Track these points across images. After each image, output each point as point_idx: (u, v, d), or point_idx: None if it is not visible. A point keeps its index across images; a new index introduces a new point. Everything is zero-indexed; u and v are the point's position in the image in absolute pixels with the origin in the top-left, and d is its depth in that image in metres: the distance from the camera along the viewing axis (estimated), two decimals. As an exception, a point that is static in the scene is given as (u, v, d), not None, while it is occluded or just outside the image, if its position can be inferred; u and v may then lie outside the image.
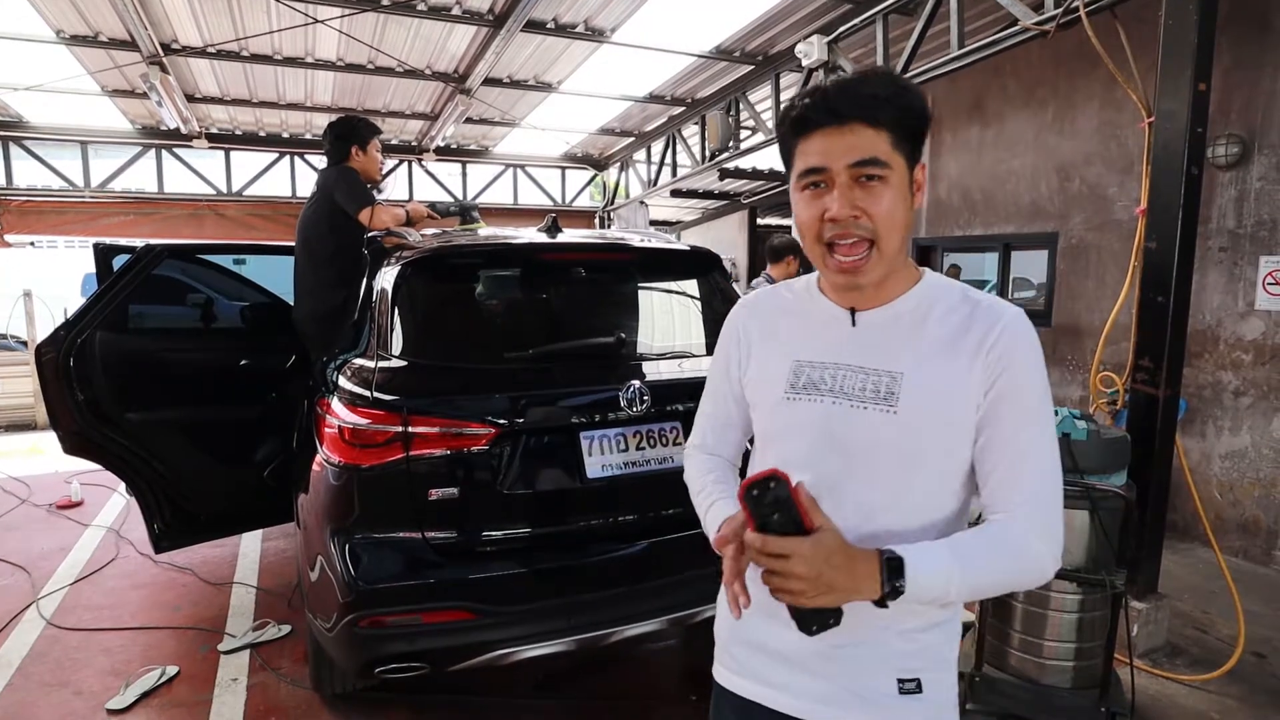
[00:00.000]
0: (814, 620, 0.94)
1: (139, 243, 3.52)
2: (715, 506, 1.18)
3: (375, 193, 3.55)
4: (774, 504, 0.91)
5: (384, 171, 3.72)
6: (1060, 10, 3.47)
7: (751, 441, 1.26)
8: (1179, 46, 3.01)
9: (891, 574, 0.93)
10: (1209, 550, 4.07)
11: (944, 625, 1.11)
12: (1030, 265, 5.83)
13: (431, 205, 3.57)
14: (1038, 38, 3.75)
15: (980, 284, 6.86)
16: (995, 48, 4.06)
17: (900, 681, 1.07)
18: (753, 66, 6.41)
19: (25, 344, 8.49)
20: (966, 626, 3.34)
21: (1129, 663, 2.65)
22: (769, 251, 5.01)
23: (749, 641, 1.17)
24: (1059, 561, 1.03)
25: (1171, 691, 2.95)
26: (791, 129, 1.03)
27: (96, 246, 3.77)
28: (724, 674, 1.23)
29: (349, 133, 3.53)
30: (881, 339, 1.07)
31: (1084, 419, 2.62)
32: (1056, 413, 2.62)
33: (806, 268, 4.40)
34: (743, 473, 1.25)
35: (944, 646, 1.11)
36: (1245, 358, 4.29)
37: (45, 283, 9.57)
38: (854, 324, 1.09)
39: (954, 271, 6.67)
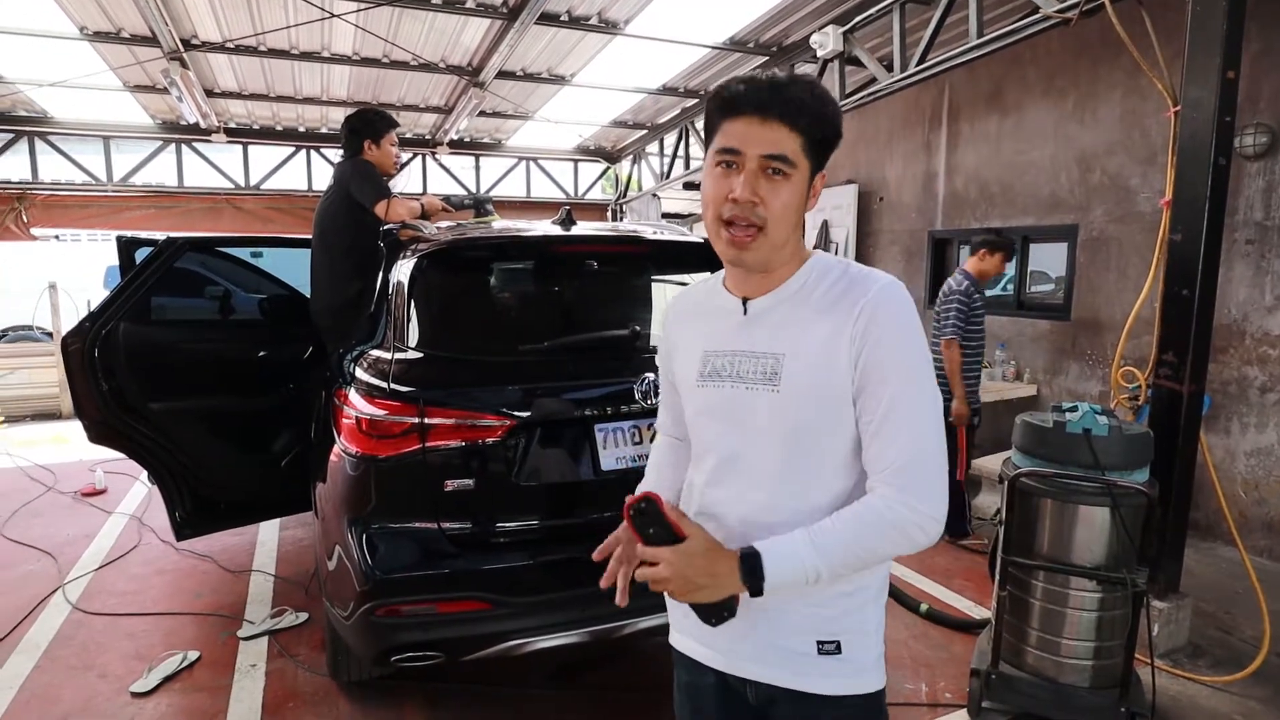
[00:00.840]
0: (710, 614, 1.08)
1: (161, 236, 3.57)
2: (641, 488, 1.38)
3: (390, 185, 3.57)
4: (649, 520, 1.07)
5: (399, 165, 3.72)
6: (1083, -2, 3.41)
7: None
8: (1207, 33, 2.94)
9: (749, 571, 1.03)
10: (1232, 549, 4.01)
11: (863, 591, 1.17)
12: (1049, 258, 5.76)
13: (445, 198, 3.58)
14: (1059, 25, 3.69)
15: (997, 277, 6.75)
16: (1015, 36, 4.00)
17: (820, 643, 1.16)
18: (767, 58, 6.36)
19: (50, 335, 8.64)
20: (979, 624, 3.31)
21: (1150, 663, 2.61)
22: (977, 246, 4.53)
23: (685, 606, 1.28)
24: (934, 520, 1.06)
25: (1193, 692, 2.92)
26: (720, 107, 1.11)
27: (119, 239, 3.83)
28: (673, 634, 1.35)
29: (363, 126, 3.54)
30: (768, 324, 1.16)
31: (1106, 414, 2.58)
32: (1077, 407, 2.60)
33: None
34: None
35: (860, 612, 1.18)
36: (1272, 353, 4.22)
37: (69, 275, 9.72)
38: (745, 313, 1.18)
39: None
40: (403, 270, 2.61)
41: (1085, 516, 2.50)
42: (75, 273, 10.80)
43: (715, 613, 1.08)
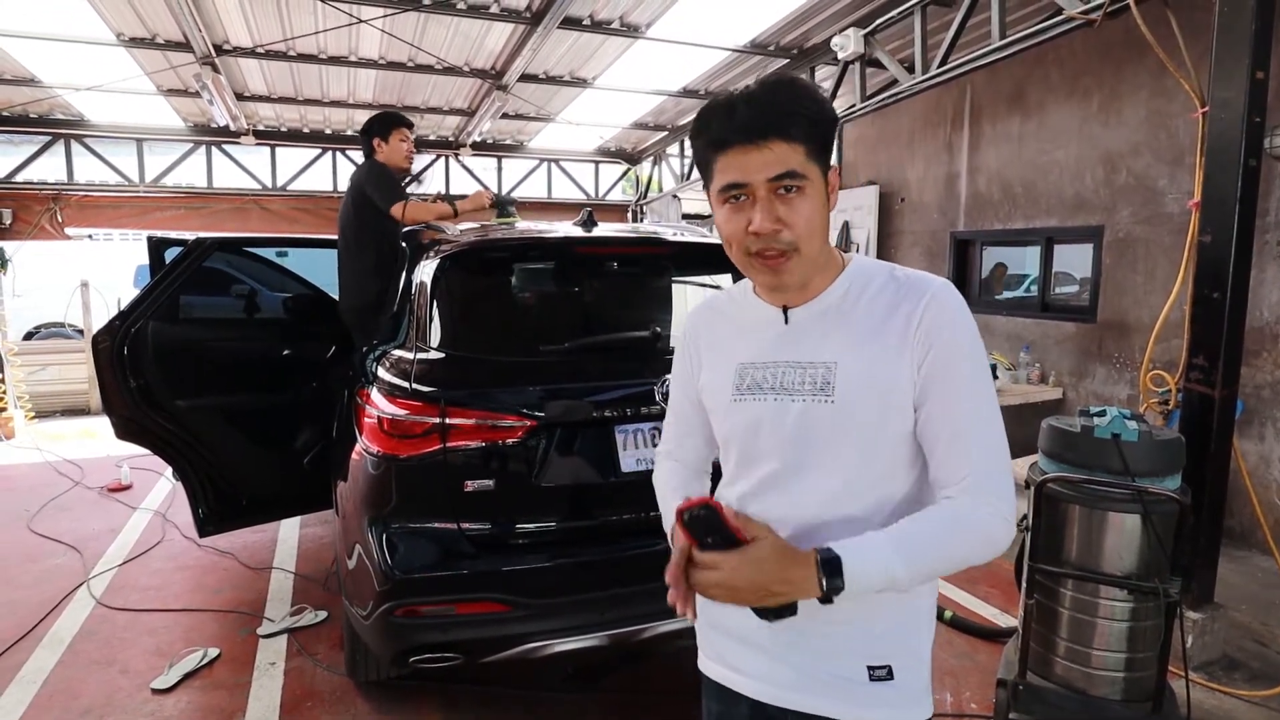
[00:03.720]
0: (769, 612, 1.00)
1: (190, 236, 3.63)
2: (670, 512, 1.21)
3: (416, 184, 3.59)
4: (707, 528, 0.99)
5: (414, 161, 3.76)
6: (1110, -2, 3.35)
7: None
8: (1235, 33, 2.89)
9: (829, 574, 0.95)
10: (1268, 558, 3.91)
11: (908, 612, 1.12)
12: (1074, 259, 5.67)
13: (459, 198, 3.60)
14: (1083, 27, 3.64)
15: (1021, 278, 6.69)
16: (1038, 38, 3.94)
17: (870, 669, 1.09)
18: (788, 60, 6.33)
19: (81, 332, 8.81)
20: (1006, 632, 3.26)
21: (1184, 675, 2.55)
22: None
23: (719, 627, 1.22)
24: (1011, 524, 1.02)
25: (1229, 707, 2.84)
26: (708, 145, 1.06)
27: (150, 239, 3.89)
28: (702, 659, 1.28)
29: (370, 126, 3.61)
30: (813, 332, 1.11)
31: (1135, 419, 2.53)
32: (1105, 412, 2.55)
33: None
34: (716, 477, 1.31)
35: (914, 634, 1.13)
36: (1306, 358, 4.11)
37: (101, 274, 9.91)
38: (787, 321, 1.13)
39: (1000, 271, 6.50)
40: (425, 271, 2.62)
41: (1115, 524, 2.45)
42: (107, 271, 11.00)
43: (777, 611, 1.00)
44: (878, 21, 4.86)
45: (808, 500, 1.09)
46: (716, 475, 1.32)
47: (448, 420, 2.26)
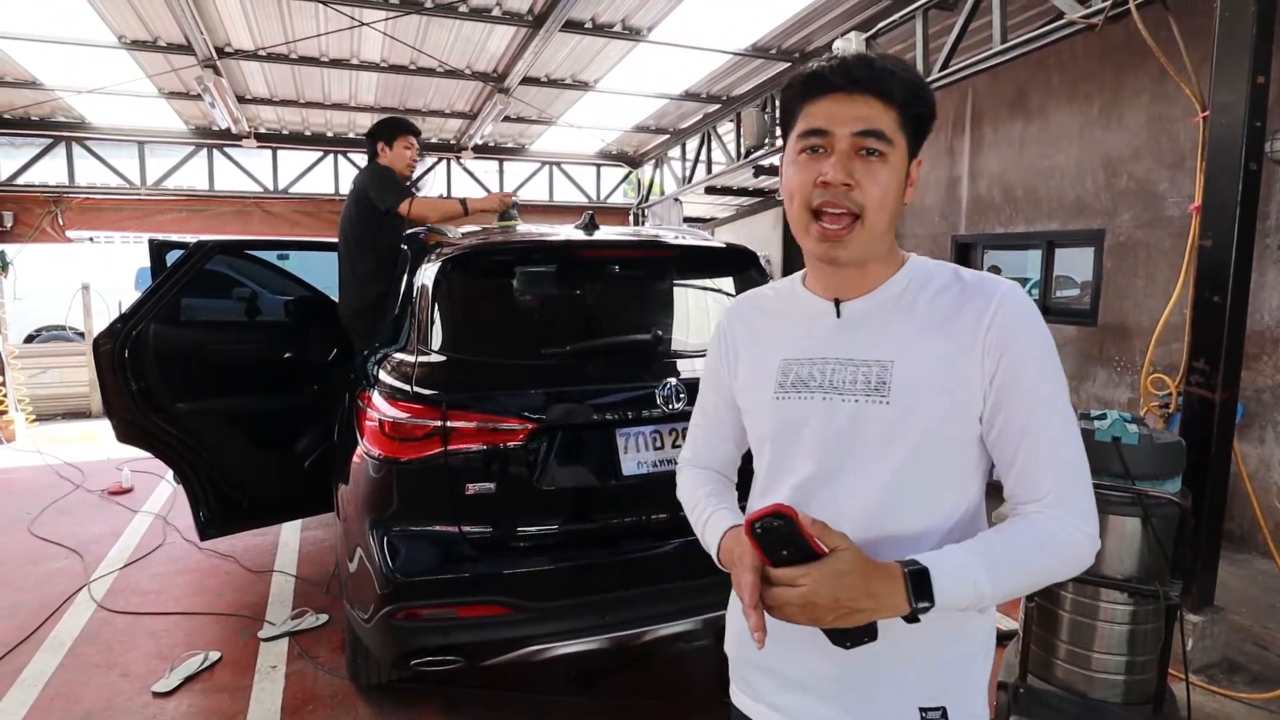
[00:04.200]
0: (847, 637, 0.90)
1: (191, 238, 3.63)
2: (714, 518, 1.15)
3: (415, 190, 3.61)
4: (782, 540, 0.88)
5: (417, 168, 3.78)
6: (1108, 3, 3.36)
7: (749, 452, 1.22)
8: (1235, 38, 2.90)
9: (918, 589, 0.88)
10: (1269, 561, 3.91)
11: (971, 646, 1.04)
12: (1074, 263, 5.68)
13: (463, 201, 3.61)
14: (1084, 31, 3.65)
15: (1022, 282, 6.69)
16: (1040, 42, 3.95)
17: (923, 711, 1.01)
18: (789, 64, 6.34)
19: (82, 335, 8.82)
20: (1007, 635, 3.26)
21: (1184, 678, 2.55)
22: None
23: (758, 665, 1.13)
24: (1096, 541, 0.96)
25: (1230, 710, 2.84)
26: (801, 89, 1.00)
27: (151, 242, 3.90)
28: (737, 694, 1.19)
29: (376, 130, 3.64)
30: (869, 327, 1.03)
31: (1135, 422, 2.53)
32: (1105, 415, 2.55)
33: None
34: (744, 485, 1.23)
35: (971, 669, 1.04)
36: (1307, 362, 4.11)
37: (102, 276, 9.92)
38: (839, 315, 1.06)
39: (993, 271, 6.52)
40: (426, 274, 2.63)
41: (1115, 527, 2.45)
42: (108, 274, 11.01)
43: (856, 635, 0.90)
44: (879, 25, 4.86)
45: (852, 511, 1.00)
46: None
47: (449, 423, 2.27)
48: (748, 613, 0.91)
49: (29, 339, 10.80)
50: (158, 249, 3.87)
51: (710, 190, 9.69)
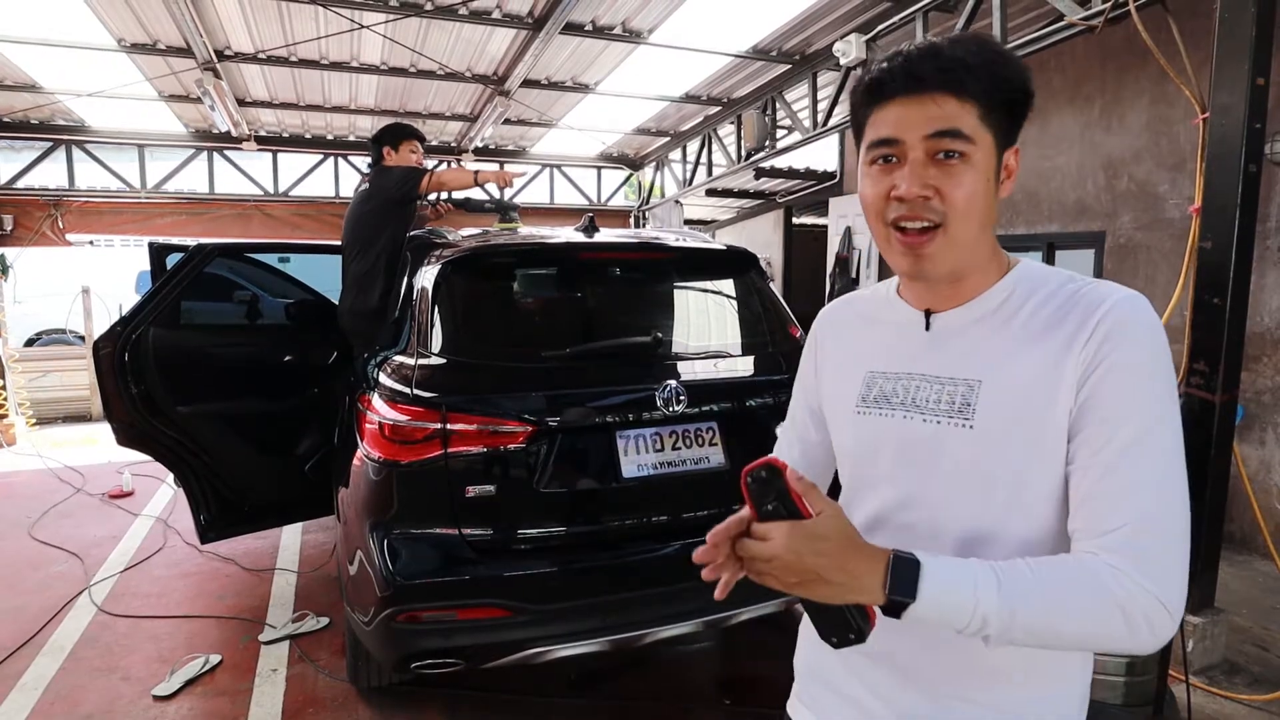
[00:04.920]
0: (832, 628, 0.83)
1: (191, 242, 3.64)
2: None
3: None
4: (768, 492, 0.83)
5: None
6: (1109, 5, 3.37)
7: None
8: (1235, 40, 2.90)
9: (899, 578, 0.77)
10: (1269, 563, 3.91)
11: (1065, 698, 0.92)
12: (1075, 265, 5.68)
13: (466, 201, 3.64)
14: (1084, 33, 3.65)
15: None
16: (1040, 44, 3.96)
17: None
18: (789, 66, 6.35)
19: (83, 339, 8.82)
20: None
21: (1184, 680, 2.55)
22: None
23: (829, 684, 1.05)
24: (1167, 614, 0.78)
25: (1230, 711, 2.84)
26: (865, 96, 0.91)
27: (151, 245, 3.91)
28: (797, 706, 1.11)
29: (381, 136, 3.71)
30: (959, 343, 0.94)
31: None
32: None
33: None
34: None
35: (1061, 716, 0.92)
36: (1307, 363, 4.11)
37: (102, 279, 9.92)
38: (928, 328, 0.97)
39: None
40: (426, 276, 2.63)
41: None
42: (108, 277, 11.01)
43: (839, 628, 0.83)
44: (880, 27, 4.87)
45: (926, 535, 0.92)
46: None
47: (449, 426, 2.27)
48: (705, 552, 0.86)
49: (29, 342, 10.80)
50: (158, 252, 3.88)
51: (711, 193, 9.70)
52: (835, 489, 1.15)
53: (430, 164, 4.07)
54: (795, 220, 10.48)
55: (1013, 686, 0.91)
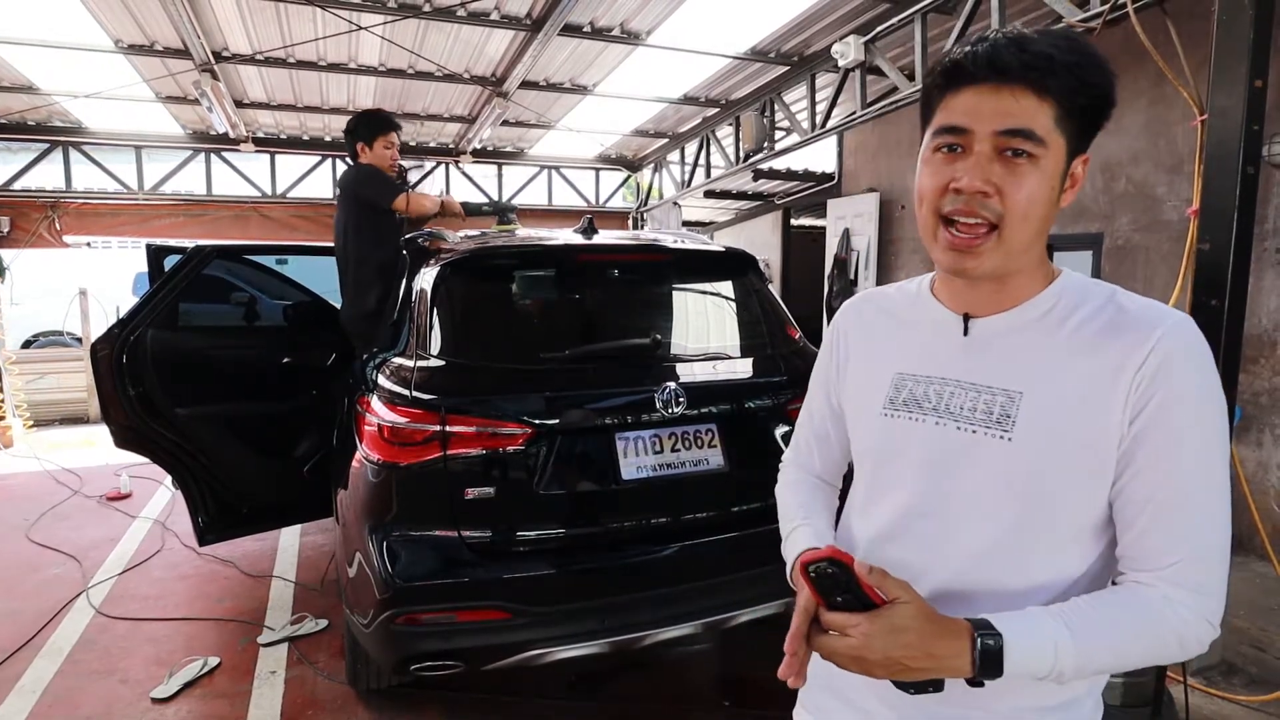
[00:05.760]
0: (910, 684, 0.82)
1: (189, 243, 3.63)
2: (797, 532, 1.06)
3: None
4: (836, 586, 0.82)
5: (399, 169, 3.68)
6: (1107, 6, 3.37)
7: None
8: (1233, 42, 2.91)
9: (986, 654, 0.77)
10: (1266, 564, 3.91)
11: (1075, 705, 0.92)
12: (1073, 266, 5.66)
13: (465, 204, 3.59)
14: (1083, 35, 3.66)
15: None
16: (1040, 45, 3.97)
17: None
18: (788, 67, 6.36)
19: (80, 340, 8.80)
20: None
21: (1182, 681, 2.55)
22: None
23: (834, 689, 1.03)
24: (1215, 628, 0.82)
25: (1228, 712, 2.85)
26: (941, 79, 0.87)
27: (149, 247, 3.90)
28: (800, 712, 1.10)
29: (355, 127, 3.54)
30: (1000, 351, 0.91)
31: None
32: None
33: None
34: (844, 495, 1.15)
35: None
36: (1304, 364, 4.12)
37: (99, 281, 9.90)
38: (966, 332, 0.93)
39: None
40: (425, 278, 2.63)
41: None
42: (105, 279, 10.99)
43: (920, 685, 0.82)
44: (878, 29, 4.88)
45: (954, 554, 0.90)
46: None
47: (448, 428, 2.27)
48: (789, 648, 0.85)
49: (26, 344, 10.77)
50: (155, 254, 3.87)
51: (709, 194, 9.71)
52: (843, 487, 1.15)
53: (408, 164, 3.95)
54: (794, 222, 10.49)
55: (1028, 696, 0.90)
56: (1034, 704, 0.91)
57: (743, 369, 2.76)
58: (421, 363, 2.43)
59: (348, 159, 3.66)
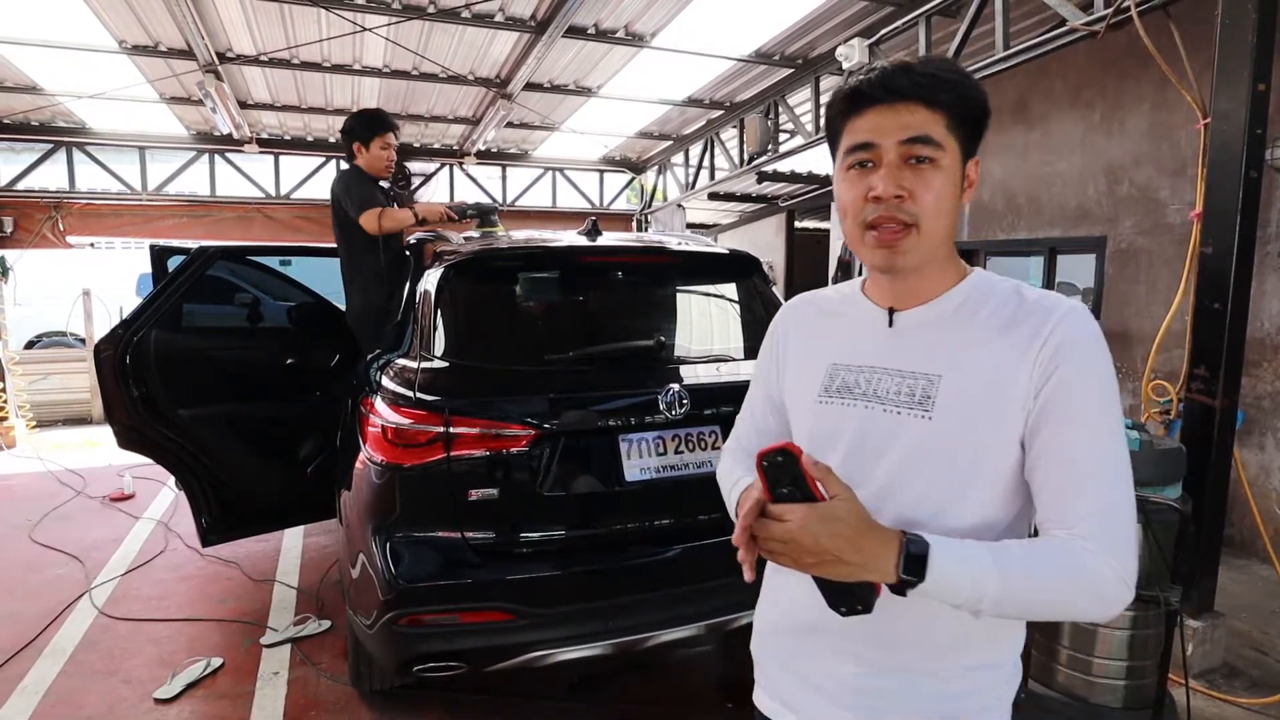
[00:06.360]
0: (840, 599, 0.89)
1: (192, 244, 3.63)
2: (741, 482, 1.13)
3: (402, 189, 3.48)
4: (784, 475, 0.88)
5: (396, 169, 3.61)
6: (1111, 10, 3.38)
7: None
8: (1236, 46, 2.92)
9: (910, 558, 0.84)
10: (1268, 567, 3.91)
11: (997, 667, 1.02)
12: (1076, 270, 5.69)
13: (451, 208, 3.47)
14: (1086, 38, 3.66)
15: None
16: (1042, 49, 3.97)
17: None
18: (792, 70, 6.37)
19: (83, 341, 8.82)
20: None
21: (1184, 683, 2.55)
22: None
23: (781, 661, 1.13)
24: (1132, 588, 0.89)
25: (1230, 715, 2.84)
26: (844, 105, 0.99)
27: (153, 248, 3.91)
28: (759, 694, 1.18)
29: (350, 127, 3.47)
30: (920, 340, 1.01)
31: (1136, 429, 2.53)
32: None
33: None
34: None
35: (995, 690, 1.02)
36: (1307, 368, 4.12)
37: (103, 282, 9.92)
38: (891, 324, 1.04)
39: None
40: (429, 280, 2.63)
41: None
42: (109, 280, 11.01)
43: (848, 599, 0.88)
44: (882, 32, 4.88)
45: (884, 518, 0.95)
46: None
47: (452, 429, 2.27)
48: (736, 539, 0.90)
49: (30, 345, 10.79)
50: (159, 254, 3.87)
51: (714, 196, 9.71)
52: None
53: (414, 168, 3.85)
54: (798, 224, 10.50)
55: (954, 656, 0.99)
56: (958, 664, 1.00)
57: (746, 371, 2.75)
58: (425, 364, 2.43)
59: (344, 160, 3.59)
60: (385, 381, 2.49)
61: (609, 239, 2.95)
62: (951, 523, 0.97)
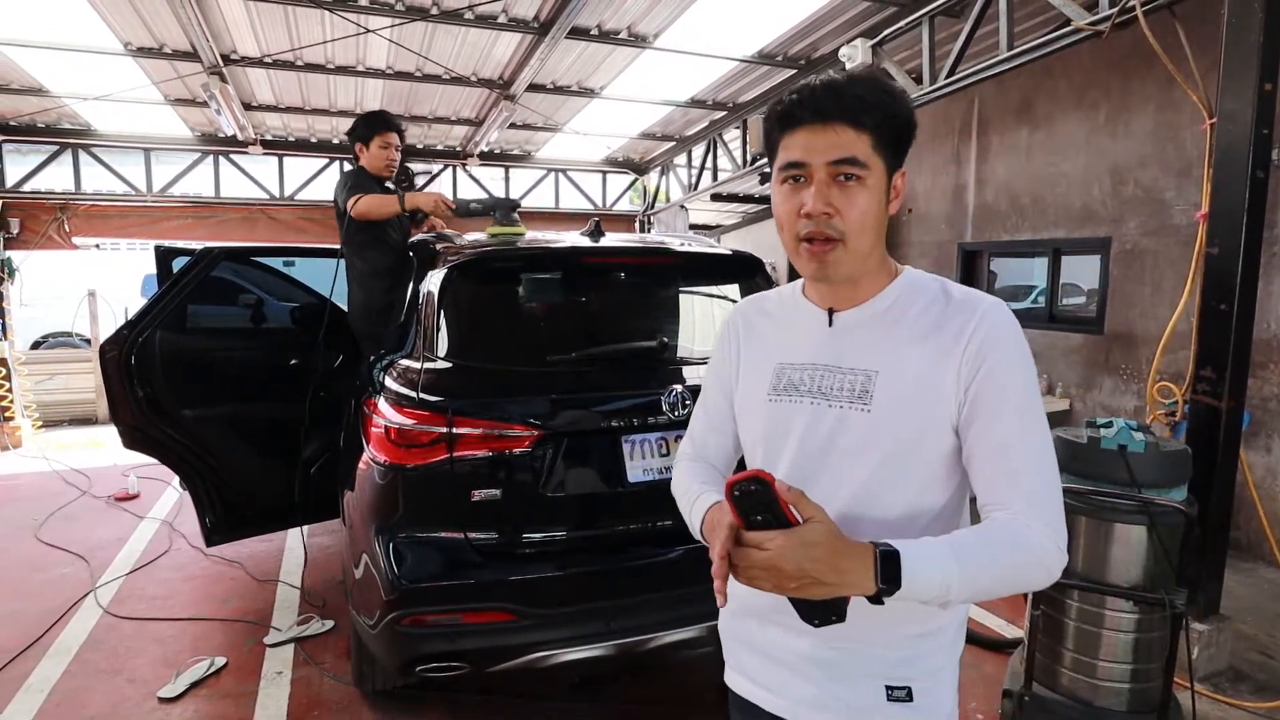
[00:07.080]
0: (815, 614, 0.93)
1: (197, 245, 3.63)
2: (702, 498, 1.16)
3: (406, 190, 3.49)
4: (758, 504, 0.90)
5: (398, 169, 3.59)
6: (1115, 10, 3.36)
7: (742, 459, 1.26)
8: (1242, 46, 2.90)
9: (886, 570, 0.89)
10: (1275, 570, 3.89)
11: (938, 633, 1.10)
12: (1081, 271, 5.67)
13: (457, 202, 3.37)
14: (1091, 38, 3.65)
15: (1028, 289, 6.68)
16: (1046, 49, 3.95)
17: (888, 689, 1.08)
18: (795, 70, 6.36)
19: (89, 341, 8.85)
20: (1012, 643, 3.24)
21: (1189, 687, 2.54)
22: None
23: (745, 641, 1.21)
24: (1064, 555, 0.98)
25: (1235, 718, 2.83)
26: (777, 123, 1.06)
27: (158, 249, 3.92)
28: (730, 674, 1.26)
29: (354, 129, 3.50)
30: (858, 338, 1.09)
31: (1142, 430, 2.52)
32: (1111, 423, 2.54)
33: None
34: None
35: (938, 655, 1.10)
36: (1314, 369, 4.10)
37: (108, 283, 9.94)
38: (831, 324, 1.11)
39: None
40: (432, 281, 2.63)
41: (1121, 535, 2.44)
42: (114, 281, 11.03)
43: (823, 612, 0.92)
44: (886, 32, 4.87)
45: (834, 508, 1.01)
46: None
47: (455, 430, 2.27)
48: (716, 571, 0.93)
49: (35, 345, 10.82)
50: (164, 255, 3.89)
51: (716, 197, 9.70)
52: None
53: (417, 168, 3.83)
54: (799, 224, 10.47)
55: (898, 627, 1.07)
56: (903, 633, 1.08)
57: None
58: (428, 365, 2.44)
59: (350, 161, 3.64)
60: (388, 382, 2.49)
61: (611, 240, 2.95)
62: (896, 507, 1.05)
